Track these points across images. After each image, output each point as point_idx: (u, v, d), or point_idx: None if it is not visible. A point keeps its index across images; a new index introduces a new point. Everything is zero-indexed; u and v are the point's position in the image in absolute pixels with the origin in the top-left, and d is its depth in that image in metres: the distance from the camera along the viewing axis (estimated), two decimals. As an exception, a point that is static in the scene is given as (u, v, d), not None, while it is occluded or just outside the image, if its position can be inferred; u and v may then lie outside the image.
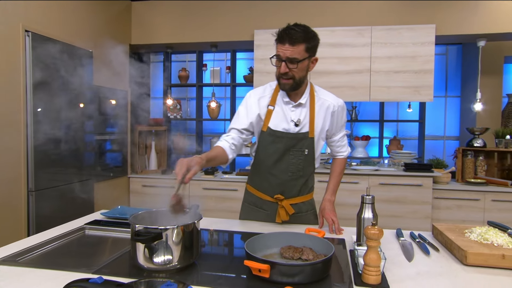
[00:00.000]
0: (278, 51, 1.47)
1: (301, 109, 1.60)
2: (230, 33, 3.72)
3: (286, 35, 1.43)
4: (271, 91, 1.64)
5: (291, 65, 1.46)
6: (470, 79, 4.13)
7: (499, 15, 3.13)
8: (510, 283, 1.09)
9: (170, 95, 4.22)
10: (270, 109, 1.59)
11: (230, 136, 1.58)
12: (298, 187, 1.68)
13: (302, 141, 1.60)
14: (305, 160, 1.62)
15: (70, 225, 1.59)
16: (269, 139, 1.60)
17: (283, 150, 1.60)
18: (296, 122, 1.59)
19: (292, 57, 1.44)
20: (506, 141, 3.25)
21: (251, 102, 1.62)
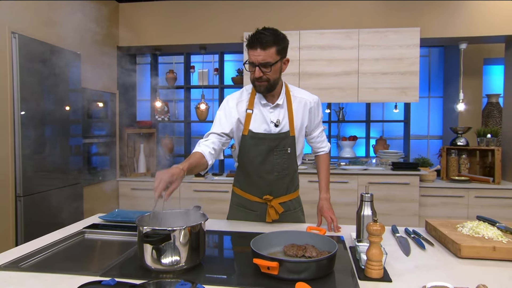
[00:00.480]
0: (250, 57, 1.49)
1: (279, 110, 1.64)
2: (220, 35, 3.73)
3: (257, 40, 1.45)
4: (248, 95, 1.66)
5: (264, 69, 1.48)
6: (452, 80, 4.28)
7: (479, 19, 3.27)
8: (501, 274, 1.15)
9: (159, 97, 4.19)
10: (249, 112, 1.62)
11: (209, 140, 1.57)
12: (285, 185, 1.72)
13: (284, 141, 1.64)
14: (288, 159, 1.67)
15: (68, 229, 1.57)
16: (251, 142, 1.63)
17: (266, 151, 1.63)
18: (275, 123, 1.63)
19: (264, 61, 1.46)
20: (487, 139, 3.38)
21: (229, 107, 1.64)
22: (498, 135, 3.44)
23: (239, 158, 1.72)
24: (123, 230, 1.55)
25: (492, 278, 1.12)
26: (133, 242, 1.47)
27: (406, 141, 4.46)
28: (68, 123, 3.09)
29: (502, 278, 1.12)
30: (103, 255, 1.38)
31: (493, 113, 3.92)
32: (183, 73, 4.86)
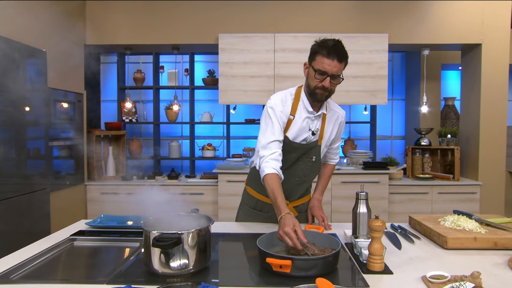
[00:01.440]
0: (323, 65, 1.46)
1: (318, 119, 1.65)
2: (194, 36, 3.70)
3: (336, 52, 1.45)
4: (292, 100, 1.63)
5: (333, 81, 1.49)
6: (413, 84, 4.57)
7: (440, 28, 3.52)
8: (483, 260, 1.27)
9: (129, 98, 4.06)
10: (291, 118, 1.61)
11: (276, 153, 1.52)
12: (302, 191, 1.75)
13: (312, 149, 1.66)
14: (312, 166, 1.69)
15: (54, 238, 1.49)
16: (284, 148, 1.60)
17: (295, 158, 1.64)
18: (313, 131, 1.63)
19: (337, 74, 1.48)
20: (447, 139, 3.65)
21: (279, 110, 1.59)
22: (457, 135, 3.72)
23: None
24: (113, 235, 1.50)
25: (477, 265, 1.22)
26: (127, 247, 1.43)
27: (373, 141, 4.68)
28: (33, 124, 2.90)
29: (486, 265, 1.23)
30: (99, 262, 1.33)
31: (450, 115, 4.24)
32: (152, 73, 4.74)
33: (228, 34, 3.57)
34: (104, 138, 4.10)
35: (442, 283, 1.05)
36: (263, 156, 1.52)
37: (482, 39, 3.47)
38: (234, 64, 3.58)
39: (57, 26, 3.28)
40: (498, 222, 1.52)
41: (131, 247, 1.42)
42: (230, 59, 3.57)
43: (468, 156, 3.68)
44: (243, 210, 1.82)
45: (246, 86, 3.59)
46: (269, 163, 1.49)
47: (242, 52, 3.56)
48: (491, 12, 3.48)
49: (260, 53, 3.55)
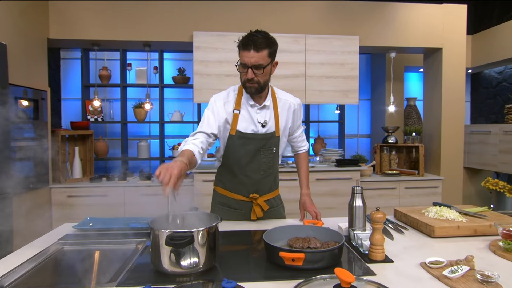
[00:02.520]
0: (243, 58, 1.53)
1: (265, 111, 1.69)
2: (166, 33, 3.61)
3: (251, 42, 1.49)
4: (234, 95, 1.69)
5: (256, 71, 1.53)
6: (378, 85, 4.80)
7: (406, 33, 3.73)
8: (467, 246, 1.38)
9: (97, 96, 3.87)
10: (236, 113, 1.65)
11: (198, 140, 1.53)
12: (270, 184, 1.78)
13: (270, 141, 1.70)
14: (273, 158, 1.74)
15: (40, 243, 1.40)
16: (239, 142, 1.65)
17: (253, 151, 1.68)
18: (263, 124, 1.68)
19: (257, 63, 1.51)
20: (412, 137, 3.89)
21: (217, 106, 1.64)
22: (420, 133, 3.97)
23: (224, 158, 1.73)
24: (104, 238, 1.44)
25: (464, 250, 1.33)
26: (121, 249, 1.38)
27: (341, 139, 4.86)
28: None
29: (471, 249, 1.34)
30: (97, 265, 1.27)
31: (412, 114, 4.51)
32: (119, 70, 4.57)
33: (203, 32, 3.53)
34: (70, 138, 3.88)
35: (441, 268, 1.13)
36: (186, 140, 1.54)
37: (443, 43, 3.74)
38: (210, 63, 3.55)
39: (18, 17, 3.06)
40: (474, 211, 1.65)
41: (126, 249, 1.37)
42: (205, 57, 3.54)
43: (431, 153, 3.94)
44: (215, 210, 1.82)
45: (222, 85, 3.57)
46: (188, 144, 1.49)
47: (217, 51, 3.54)
48: (450, 19, 3.76)
49: (235, 52, 3.52)
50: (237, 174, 1.70)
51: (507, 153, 4.00)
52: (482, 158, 4.39)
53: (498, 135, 4.11)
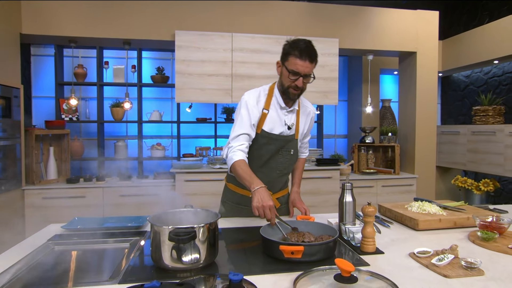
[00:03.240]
0: (296, 66, 1.55)
1: (292, 114, 1.75)
2: (148, 31, 3.56)
3: (307, 53, 1.54)
4: (265, 96, 1.72)
5: (305, 80, 1.60)
6: (355, 86, 4.95)
7: (382, 36, 3.88)
8: (448, 237, 1.47)
9: (74, 94, 3.76)
10: (265, 112, 1.68)
11: (244, 145, 1.60)
12: (282, 183, 1.84)
13: (290, 143, 1.76)
14: (290, 160, 1.78)
15: (27, 244, 1.36)
16: (262, 141, 1.69)
17: (274, 151, 1.72)
18: (289, 126, 1.73)
19: (309, 74, 1.58)
20: (388, 137, 4.04)
21: (251, 105, 1.66)
22: (396, 133, 4.13)
23: None
24: (95, 237, 1.42)
25: (446, 241, 1.41)
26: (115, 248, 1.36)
27: (320, 140, 4.97)
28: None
29: (452, 240, 1.43)
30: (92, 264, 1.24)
31: (387, 115, 4.68)
32: (96, 68, 4.45)
33: (185, 31, 3.51)
34: (44, 138, 3.73)
35: (428, 257, 1.20)
36: (232, 146, 1.60)
37: (417, 47, 3.91)
38: (191, 62, 3.53)
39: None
40: (453, 205, 1.76)
41: (121, 248, 1.36)
42: (187, 56, 3.52)
43: (405, 152, 4.11)
44: (226, 207, 1.84)
45: (204, 85, 3.57)
46: (237, 152, 1.56)
47: (199, 50, 3.53)
48: (423, 24, 3.94)
49: (218, 52, 3.55)
50: (254, 172, 1.71)
51: (475, 152, 4.25)
52: (452, 157, 4.63)
53: (467, 135, 4.34)
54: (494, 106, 4.11)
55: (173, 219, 1.25)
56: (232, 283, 0.91)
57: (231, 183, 1.84)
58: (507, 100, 4.40)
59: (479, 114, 4.24)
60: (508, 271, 1.13)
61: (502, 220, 1.45)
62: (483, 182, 4.17)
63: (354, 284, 0.96)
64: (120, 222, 1.62)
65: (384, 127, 4.21)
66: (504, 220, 1.45)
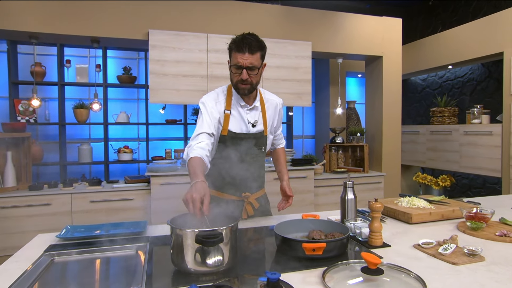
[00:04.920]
0: (237, 59, 1.55)
1: (255, 111, 1.75)
2: (119, 29, 3.41)
3: (246, 45, 1.53)
4: (224, 96, 1.71)
5: (250, 72, 1.57)
6: (322, 88, 5.12)
7: (351, 40, 4.05)
8: (440, 228, 1.58)
9: (36, 95, 3.49)
10: (227, 113, 1.68)
11: (203, 142, 1.53)
12: (259, 182, 1.83)
13: (260, 140, 1.76)
14: (262, 157, 1.80)
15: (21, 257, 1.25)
16: (230, 142, 1.68)
17: (244, 151, 1.72)
18: (253, 124, 1.73)
19: (251, 65, 1.55)
20: (357, 137, 4.22)
21: (210, 106, 1.65)
22: (363, 133, 4.34)
23: (214, 158, 1.71)
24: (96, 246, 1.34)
25: (439, 232, 1.52)
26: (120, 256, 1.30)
27: (290, 140, 5.07)
28: None
29: (444, 231, 1.54)
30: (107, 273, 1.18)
31: (352, 116, 4.90)
32: (56, 67, 4.18)
33: (159, 31, 3.41)
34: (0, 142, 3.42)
35: (433, 247, 1.29)
36: (190, 145, 1.55)
37: (383, 52, 4.14)
38: (166, 62, 3.44)
39: None
40: (437, 199, 1.89)
41: (128, 255, 1.29)
42: (162, 56, 3.42)
43: (373, 151, 4.32)
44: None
45: (179, 85, 3.49)
46: (195, 150, 1.49)
47: (174, 50, 3.45)
48: (388, 29, 4.18)
49: (193, 52, 3.50)
50: (228, 174, 1.70)
51: (433, 150, 4.58)
52: (412, 156, 4.95)
53: (426, 135, 4.68)
54: (449, 108, 4.47)
55: (189, 222, 1.21)
56: (270, 281, 0.91)
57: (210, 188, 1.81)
58: (459, 102, 4.80)
59: (436, 115, 4.58)
60: (502, 256, 1.25)
61: (486, 211, 1.59)
62: (441, 178, 4.51)
63: (381, 275, 1.01)
64: (117, 228, 1.54)
65: (353, 127, 4.40)
66: (487, 211, 1.59)
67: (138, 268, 1.13)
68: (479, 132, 3.97)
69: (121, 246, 1.34)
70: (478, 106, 4.13)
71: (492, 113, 4.09)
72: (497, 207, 1.90)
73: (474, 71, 4.65)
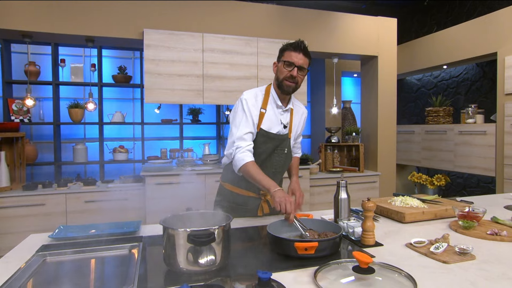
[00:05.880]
0: (291, 57, 1.67)
1: (287, 114, 1.81)
2: (114, 29, 3.39)
3: (301, 47, 1.68)
4: (262, 95, 1.77)
5: (299, 72, 1.68)
6: (318, 88, 5.12)
7: (346, 40, 4.06)
8: (433, 228, 1.59)
9: (30, 94, 3.47)
10: (263, 112, 1.73)
11: (251, 145, 1.68)
12: (278, 182, 1.85)
13: (284, 142, 1.80)
14: (285, 158, 1.82)
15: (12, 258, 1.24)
16: (260, 140, 1.73)
17: (270, 150, 1.77)
18: (285, 125, 1.80)
19: (303, 65, 1.68)
20: (353, 137, 4.24)
21: (251, 104, 1.72)
22: (359, 133, 4.35)
23: None
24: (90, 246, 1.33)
25: (432, 231, 1.53)
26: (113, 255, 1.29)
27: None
28: None
29: (437, 230, 1.55)
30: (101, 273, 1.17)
31: (348, 116, 4.91)
32: (51, 66, 4.16)
33: (154, 30, 3.41)
34: (-7, 141, 3.41)
35: (425, 246, 1.30)
36: (240, 147, 1.66)
37: (378, 52, 4.15)
38: (161, 62, 3.43)
39: None
40: (430, 199, 1.90)
41: (121, 255, 1.29)
42: (156, 56, 3.41)
43: (369, 151, 4.34)
44: (221, 207, 1.82)
45: (174, 85, 3.48)
46: (246, 153, 1.64)
47: (169, 50, 3.44)
48: (384, 29, 4.19)
49: (188, 52, 3.49)
50: None
51: (428, 150, 4.60)
52: (407, 155, 4.97)
53: (421, 134, 4.70)
54: (444, 107, 4.49)
55: (182, 222, 1.21)
56: (261, 281, 0.92)
57: (227, 183, 1.84)
58: (454, 102, 4.83)
59: (431, 114, 4.60)
60: (493, 254, 1.26)
61: (478, 210, 1.60)
62: (436, 177, 4.54)
63: (372, 274, 1.01)
64: (110, 228, 1.54)
65: (349, 127, 4.41)
66: (479, 210, 1.60)
67: (131, 268, 1.13)
68: (474, 131, 4.00)
69: (114, 246, 1.33)
70: (473, 106, 4.15)
71: (487, 113, 4.12)
72: (489, 206, 1.91)
73: (469, 71, 4.68)
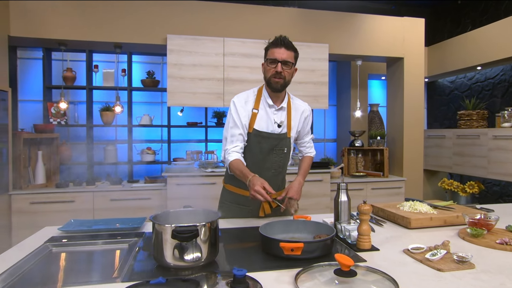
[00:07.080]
0: (273, 54, 1.66)
1: (281, 112, 1.80)
2: (139, 35, 3.56)
3: (282, 41, 1.67)
4: (254, 96, 1.79)
5: (284, 67, 1.67)
6: (344, 91, 5.03)
7: (370, 42, 3.97)
8: (439, 234, 1.52)
9: (64, 98, 3.71)
10: (255, 112, 1.75)
11: (238, 146, 1.71)
12: (279, 182, 1.86)
13: (283, 141, 1.80)
14: (284, 158, 1.82)
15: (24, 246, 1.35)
16: (255, 140, 1.75)
17: (267, 150, 1.77)
18: (279, 124, 1.79)
19: (286, 60, 1.66)
20: (377, 141, 4.12)
21: (239, 106, 1.74)
22: (384, 137, 4.22)
23: None
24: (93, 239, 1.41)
25: (437, 238, 1.46)
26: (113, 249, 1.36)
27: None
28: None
29: (443, 237, 1.48)
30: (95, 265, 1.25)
31: (375, 119, 4.78)
32: (85, 72, 4.42)
33: (177, 36, 3.53)
34: (32, 142, 3.68)
35: (422, 253, 1.25)
36: (227, 149, 1.72)
37: (404, 53, 4.02)
38: (183, 66, 3.55)
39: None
40: (443, 205, 1.81)
41: (120, 249, 1.36)
42: (179, 60, 3.53)
43: (394, 156, 4.20)
44: (224, 208, 1.86)
45: (196, 89, 3.58)
46: (232, 154, 1.70)
47: (191, 54, 3.55)
48: (409, 31, 4.06)
49: (209, 56, 3.58)
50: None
51: (460, 155, 4.37)
52: (438, 161, 4.74)
53: (452, 139, 4.47)
54: (478, 111, 4.25)
55: (173, 218, 1.26)
56: (236, 278, 0.93)
57: (229, 184, 1.87)
58: (490, 105, 4.55)
59: (463, 118, 4.37)
60: (496, 264, 1.18)
61: (490, 217, 1.51)
62: (468, 184, 4.29)
63: (354, 277, 0.99)
64: (116, 224, 1.62)
65: (373, 131, 4.29)
66: (491, 217, 1.51)
67: (125, 261, 1.18)
68: (509, 136, 3.74)
69: (116, 240, 1.41)
70: (510, 109, 3.89)
71: (525, 117, 3.84)
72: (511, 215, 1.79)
73: (506, 72, 4.39)
